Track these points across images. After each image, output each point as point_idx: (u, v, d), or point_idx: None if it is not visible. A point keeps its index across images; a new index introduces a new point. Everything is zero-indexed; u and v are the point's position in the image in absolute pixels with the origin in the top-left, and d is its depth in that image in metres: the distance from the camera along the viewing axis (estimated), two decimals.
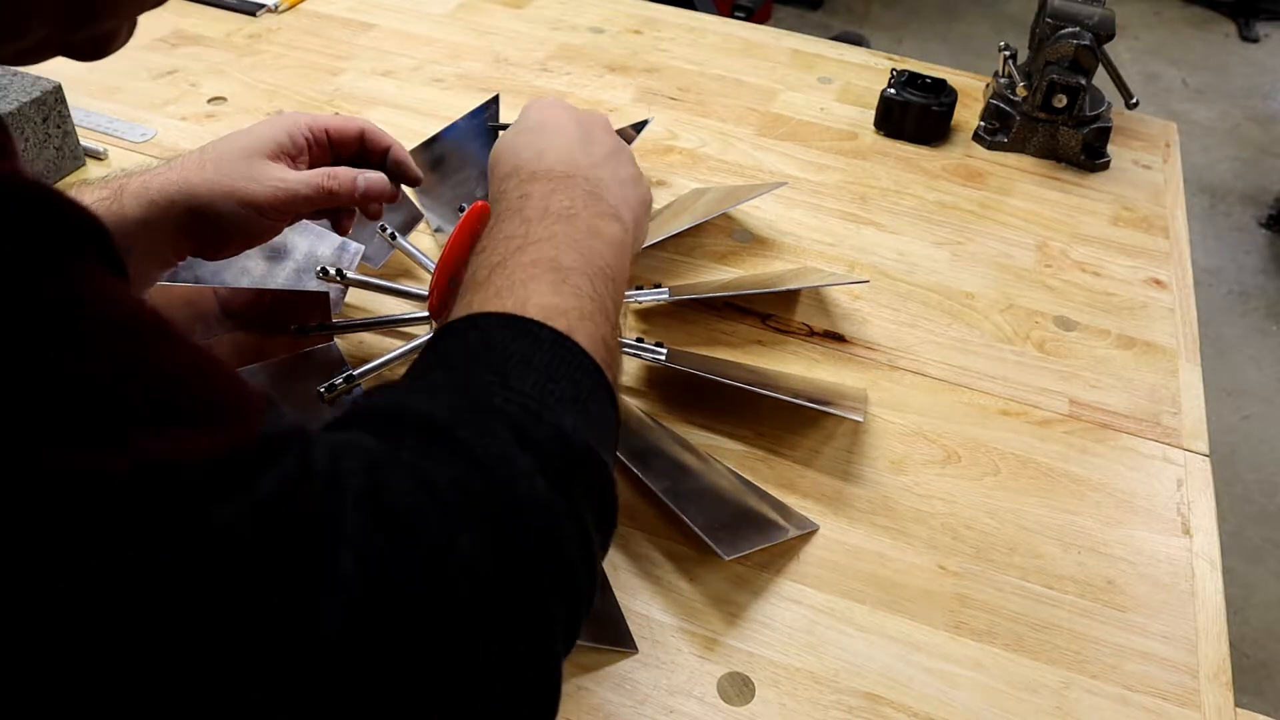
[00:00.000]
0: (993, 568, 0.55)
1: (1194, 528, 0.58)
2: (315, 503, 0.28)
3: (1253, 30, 3.11)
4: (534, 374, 0.37)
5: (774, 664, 0.49)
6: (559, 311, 0.40)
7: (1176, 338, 0.71)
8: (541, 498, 0.33)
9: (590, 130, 0.54)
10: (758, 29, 1.08)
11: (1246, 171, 2.51)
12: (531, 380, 0.36)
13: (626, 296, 0.66)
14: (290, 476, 0.28)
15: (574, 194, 0.48)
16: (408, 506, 0.30)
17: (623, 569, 0.53)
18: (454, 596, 0.29)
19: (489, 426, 0.33)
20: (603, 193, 0.49)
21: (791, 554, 0.55)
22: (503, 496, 0.32)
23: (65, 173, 0.79)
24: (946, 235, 0.79)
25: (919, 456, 0.61)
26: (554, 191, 0.48)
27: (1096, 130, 0.87)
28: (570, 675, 0.48)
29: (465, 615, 0.29)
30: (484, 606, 0.30)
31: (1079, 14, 0.85)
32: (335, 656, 0.26)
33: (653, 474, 0.53)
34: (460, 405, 0.34)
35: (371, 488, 0.29)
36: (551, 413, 0.35)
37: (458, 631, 0.29)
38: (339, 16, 1.03)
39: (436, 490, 0.30)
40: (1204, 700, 0.50)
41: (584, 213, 0.47)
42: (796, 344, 0.68)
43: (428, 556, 0.29)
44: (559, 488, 0.33)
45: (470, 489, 0.31)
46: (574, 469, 0.35)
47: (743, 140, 0.89)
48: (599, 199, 0.49)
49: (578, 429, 0.35)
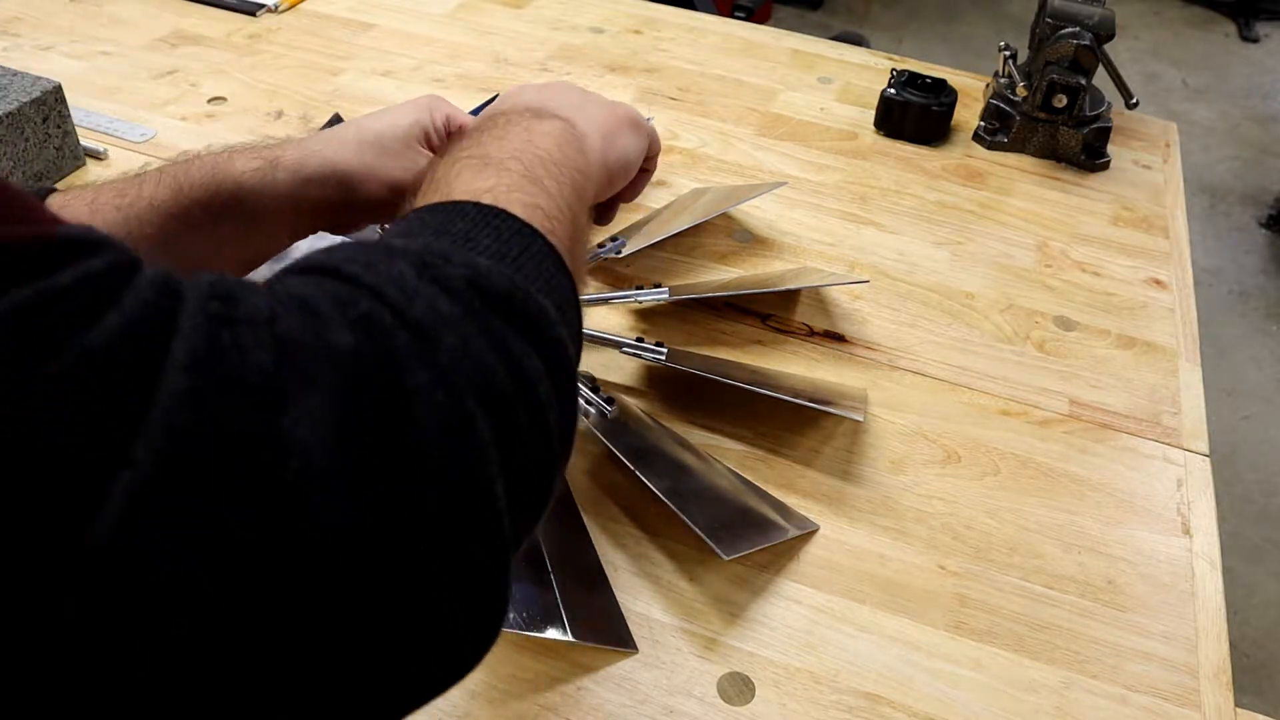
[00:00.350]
0: (993, 568, 0.55)
1: (1194, 528, 0.58)
2: (143, 293, 0.23)
3: (1253, 30, 3.11)
4: (451, 238, 0.33)
5: (774, 664, 0.49)
6: (483, 190, 0.37)
7: (1176, 338, 0.71)
8: (444, 315, 0.28)
9: (549, 85, 0.54)
10: (758, 29, 1.08)
11: (1246, 171, 2.51)
12: (448, 241, 0.33)
13: (626, 297, 0.66)
14: (113, 267, 0.23)
15: (518, 114, 0.46)
16: (264, 306, 0.25)
17: (623, 569, 0.53)
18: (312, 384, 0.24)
19: (386, 260, 0.29)
20: (548, 107, 0.47)
21: (791, 554, 0.55)
22: (392, 313, 0.27)
23: (65, 173, 0.79)
24: (946, 235, 0.79)
25: (919, 456, 0.61)
26: (499, 119, 0.46)
27: (1096, 130, 0.87)
28: (570, 675, 0.48)
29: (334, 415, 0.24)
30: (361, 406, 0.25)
31: (1079, 14, 0.85)
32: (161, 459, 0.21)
33: (653, 474, 0.53)
34: (355, 251, 0.30)
35: (223, 293, 0.25)
36: (464, 255, 0.31)
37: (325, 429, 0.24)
38: (339, 16, 1.03)
39: (306, 301, 0.26)
40: (1204, 700, 0.50)
41: (520, 123, 0.44)
42: (796, 344, 0.68)
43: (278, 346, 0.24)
44: (476, 317, 0.29)
45: (350, 302, 0.27)
46: (495, 301, 0.30)
47: (743, 140, 0.89)
48: (542, 111, 0.46)
49: (501, 271, 0.31)
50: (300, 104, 0.89)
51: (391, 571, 0.25)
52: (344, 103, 0.89)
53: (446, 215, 0.35)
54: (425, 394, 0.26)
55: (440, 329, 0.27)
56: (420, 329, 0.27)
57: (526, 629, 0.47)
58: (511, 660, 0.49)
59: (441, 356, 0.27)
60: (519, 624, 0.47)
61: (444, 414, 0.26)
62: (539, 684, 0.48)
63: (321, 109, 0.88)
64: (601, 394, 0.58)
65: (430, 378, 0.26)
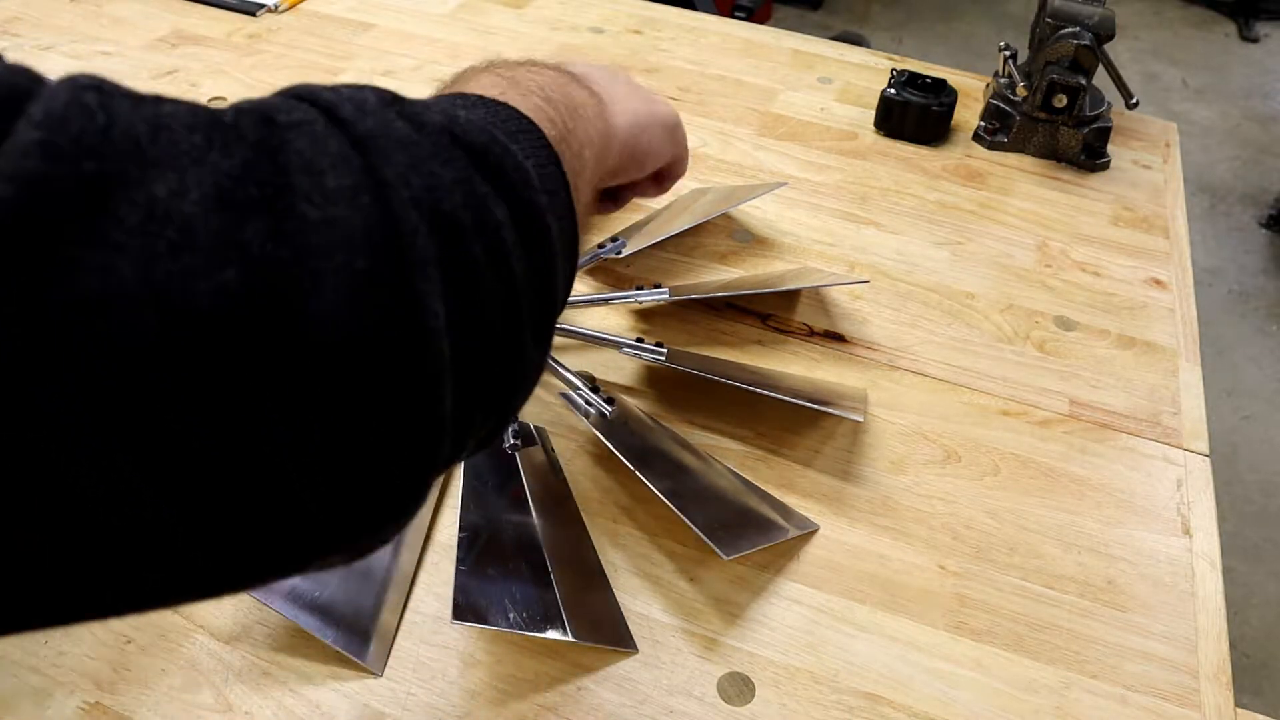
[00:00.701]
0: (993, 568, 0.55)
1: (1194, 528, 0.58)
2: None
3: (1253, 30, 3.11)
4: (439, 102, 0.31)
5: (774, 664, 0.49)
6: (496, 91, 0.35)
7: (1176, 338, 0.71)
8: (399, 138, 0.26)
9: (631, 83, 0.53)
10: (758, 29, 1.08)
11: (1246, 171, 2.51)
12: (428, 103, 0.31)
13: (626, 297, 0.66)
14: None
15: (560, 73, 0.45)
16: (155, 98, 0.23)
17: (623, 569, 0.53)
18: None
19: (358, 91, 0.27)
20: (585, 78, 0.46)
21: (791, 554, 0.55)
22: (334, 123, 0.25)
23: None
24: (946, 235, 0.79)
25: (919, 456, 0.61)
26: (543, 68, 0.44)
27: (1096, 130, 0.87)
28: (570, 675, 0.48)
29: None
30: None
31: (1079, 14, 0.85)
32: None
33: (653, 474, 0.53)
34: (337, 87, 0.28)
35: (101, 81, 0.23)
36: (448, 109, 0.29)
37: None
38: (339, 16, 1.03)
39: (243, 105, 0.25)
40: (1204, 700, 0.50)
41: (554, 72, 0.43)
42: (796, 344, 0.68)
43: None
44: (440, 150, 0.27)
45: (287, 110, 0.25)
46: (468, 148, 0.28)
47: (743, 140, 0.89)
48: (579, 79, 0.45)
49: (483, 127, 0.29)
50: None
51: (277, 359, 0.22)
52: None
53: (449, 100, 0.32)
54: (333, 179, 0.24)
55: (389, 146, 0.25)
56: (363, 142, 0.25)
57: (526, 629, 0.47)
58: (511, 660, 0.49)
59: (383, 167, 0.25)
60: (519, 624, 0.47)
61: (357, 202, 0.24)
62: (539, 684, 0.48)
63: None
64: (601, 394, 0.58)
65: (356, 181, 0.24)
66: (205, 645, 0.48)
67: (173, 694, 0.46)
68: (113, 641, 0.48)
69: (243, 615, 0.50)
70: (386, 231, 0.24)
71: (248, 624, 0.49)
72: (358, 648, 0.48)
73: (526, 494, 0.54)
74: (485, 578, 0.48)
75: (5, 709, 0.46)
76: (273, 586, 0.47)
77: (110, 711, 0.46)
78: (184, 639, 0.49)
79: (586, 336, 0.64)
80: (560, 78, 0.42)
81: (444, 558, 0.53)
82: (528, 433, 0.58)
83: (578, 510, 0.56)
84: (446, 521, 0.55)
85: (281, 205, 0.23)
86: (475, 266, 0.26)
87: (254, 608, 0.50)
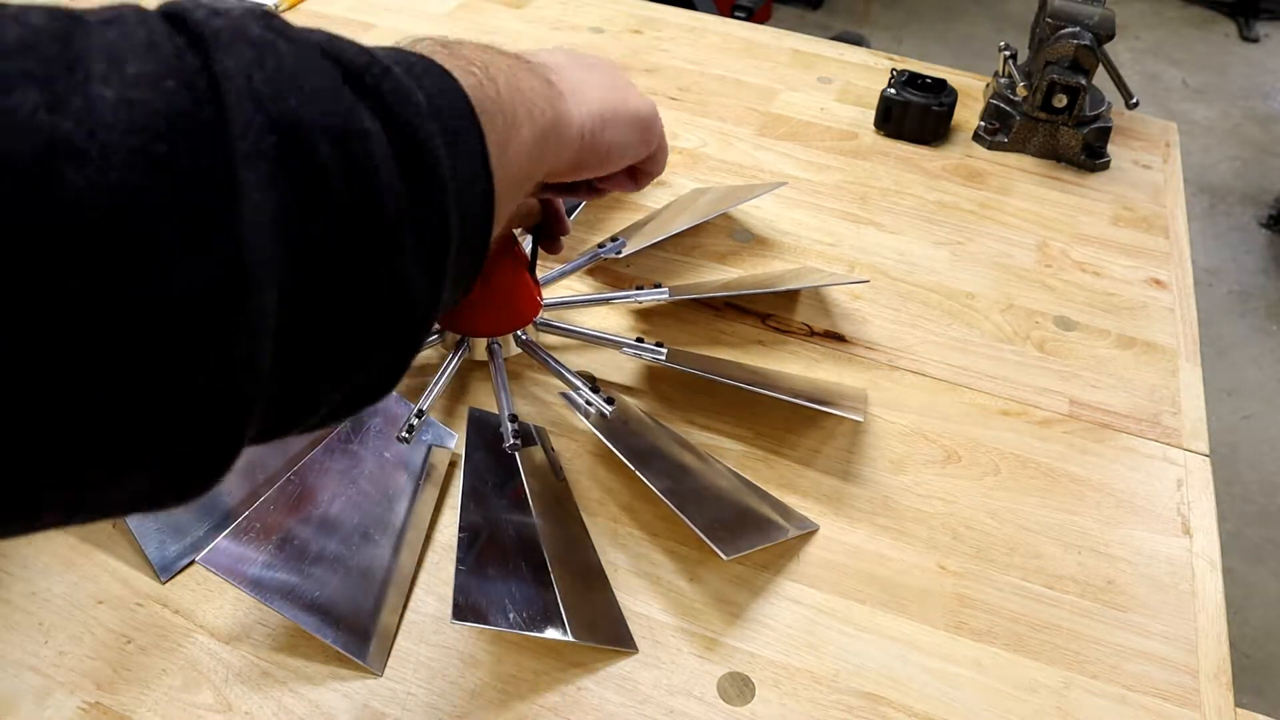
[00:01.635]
0: (993, 568, 0.55)
1: (1194, 528, 0.58)
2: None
3: (1253, 30, 3.11)
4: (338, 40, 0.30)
5: (774, 664, 0.50)
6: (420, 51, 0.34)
7: (1176, 338, 0.71)
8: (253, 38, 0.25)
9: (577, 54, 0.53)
10: (758, 29, 1.08)
11: (1246, 171, 2.51)
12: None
13: (626, 297, 0.66)
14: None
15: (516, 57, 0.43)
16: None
17: (623, 569, 0.53)
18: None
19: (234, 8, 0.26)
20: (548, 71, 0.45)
21: (791, 554, 0.55)
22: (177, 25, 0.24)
23: None
24: (946, 235, 0.79)
25: (919, 456, 0.61)
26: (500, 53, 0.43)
27: (1096, 130, 0.87)
28: (570, 675, 0.48)
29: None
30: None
31: (1079, 14, 0.85)
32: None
33: (653, 474, 0.53)
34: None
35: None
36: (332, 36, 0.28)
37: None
38: (339, 16, 1.03)
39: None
40: (1204, 700, 0.50)
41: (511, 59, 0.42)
42: (796, 344, 0.68)
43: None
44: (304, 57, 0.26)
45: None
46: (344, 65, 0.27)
47: (743, 140, 0.89)
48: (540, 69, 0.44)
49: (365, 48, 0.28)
50: None
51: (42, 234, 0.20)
52: None
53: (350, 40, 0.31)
54: (135, 65, 0.22)
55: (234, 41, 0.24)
56: (202, 37, 0.24)
57: (526, 629, 0.47)
58: (511, 660, 0.49)
59: (222, 60, 0.23)
60: (519, 624, 0.47)
61: (161, 87, 0.22)
62: (539, 684, 0.48)
63: None
64: (601, 394, 0.58)
65: (164, 68, 0.22)
66: (205, 645, 0.48)
67: (173, 694, 0.46)
68: (113, 641, 0.48)
69: (243, 615, 0.50)
70: (202, 119, 0.23)
71: (248, 624, 0.49)
72: (358, 648, 0.48)
73: (526, 494, 0.54)
74: (485, 578, 0.48)
75: (5, 709, 0.46)
76: (273, 586, 0.47)
77: (110, 711, 0.46)
78: (184, 639, 0.49)
79: (586, 336, 0.64)
80: (512, 63, 0.41)
81: (444, 558, 0.53)
82: (528, 433, 0.58)
83: (578, 510, 0.56)
84: (446, 521, 0.55)
85: (65, 84, 0.21)
86: (323, 171, 0.25)
87: (254, 608, 0.50)
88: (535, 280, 0.62)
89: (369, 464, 0.55)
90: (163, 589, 0.51)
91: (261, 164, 0.23)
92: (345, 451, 0.55)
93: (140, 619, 0.49)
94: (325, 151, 0.25)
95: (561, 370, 0.60)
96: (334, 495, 0.53)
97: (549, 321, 0.64)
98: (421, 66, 0.32)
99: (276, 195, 0.24)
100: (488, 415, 0.58)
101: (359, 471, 0.54)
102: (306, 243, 0.25)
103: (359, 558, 0.51)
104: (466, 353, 0.61)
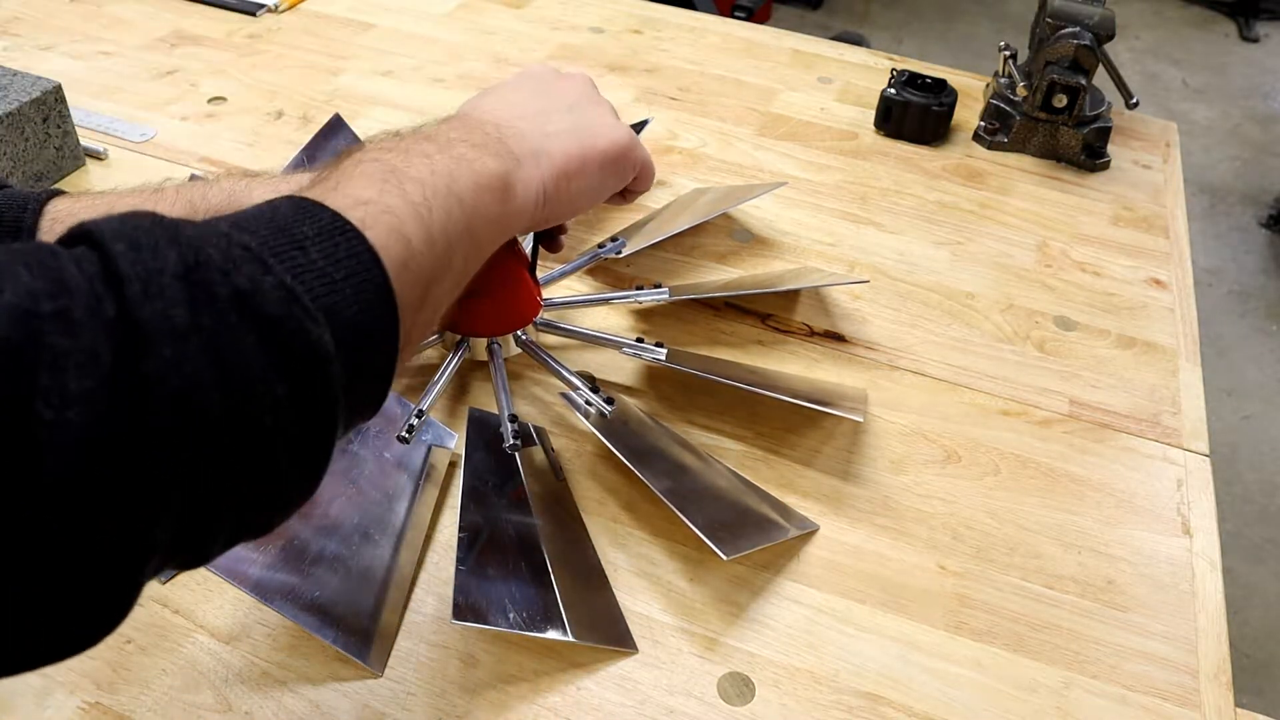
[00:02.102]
0: (993, 568, 0.55)
1: (1194, 528, 0.58)
2: None
3: (1253, 30, 3.11)
4: (287, 238, 0.31)
5: (774, 664, 0.49)
6: (361, 202, 0.35)
7: (1176, 338, 0.71)
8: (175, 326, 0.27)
9: (548, 88, 0.53)
10: (758, 29, 1.08)
11: (1246, 171, 2.51)
12: (282, 240, 0.31)
13: (626, 297, 0.66)
14: None
15: (471, 132, 0.45)
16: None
17: (623, 569, 0.53)
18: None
19: (161, 248, 0.28)
20: (506, 137, 0.46)
21: (791, 554, 0.55)
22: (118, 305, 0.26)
23: (65, 173, 0.79)
24: (946, 235, 0.79)
25: (919, 456, 0.61)
26: (454, 128, 0.45)
27: (1096, 130, 0.87)
28: (570, 675, 0.48)
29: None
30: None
31: (1079, 14, 0.85)
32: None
33: (653, 474, 0.53)
34: (136, 228, 0.28)
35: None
36: (264, 265, 0.29)
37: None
38: (339, 16, 1.03)
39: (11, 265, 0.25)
40: (1204, 700, 0.50)
41: (464, 144, 0.43)
42: (796, 344, 0.68)
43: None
44: (221, 332, 0.27)
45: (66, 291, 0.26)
46: (259, 322, 0.28)
47: (743, 140, 0.89)
48: (498, 141, 0.45)
49: (285, 296, 0.29)
50: (300, 104, 0.89)
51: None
52: (344, 103, 0.89)
53: (302, 215, 0.33)
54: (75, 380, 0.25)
55: (159, 337, 0.26)
56: (134, 328, 0.26)
57: (526, 629, 0.47)
58: (511, 660, 0.49)
59: (145, 363, 0.26)
60: (519, 624, 0.47)
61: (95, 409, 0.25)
62: (539, 684, 0.48)
63: (321, 109, 0.88)
64: (601, 394, 0.58)
65: (101, 382, 0.25)
66: (205, 645, 0.48)
67: (172, 694, 0.46)
68: (113, 641, 0.48)
69: (243, 615, 0.50)
70: (124, 437, 0.25)
71: (248, 624, 0.49)
72: (358, 648, 0.48)
73: (526, 494, 0.54)
74: (485, 578, 0.48)
75: (5, 709, 0.46)
76: (273, 586, 0.47)
77: (110, 711, 0.46)
78: (184, 639, 0.49)
79: (586, 336, 0.64)
80: (462, 154, 0.42)
81: (444, 558, 0.53)
82: (528, 433, 0.58)
83: (578, 510, 0.56)
84: (446, 521, 0.55)
85: (14, 408, 0.23)
86: (227, 456, 0.28)
87: (254, 608, 0.50)
88: (535, 280, 0.62)
89: (369, 464, 0.55)
90: (163, 589, 0.51)
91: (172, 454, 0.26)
92: (345, 451, 0.55)
93: (140, 619, 0.49)
94: (226, 439, 0.28)
95: (561, 370, 0.60)
96: (334, 495, 0.53)
97: (549, 321, 0.64)
98: (351, 267, 0.33)
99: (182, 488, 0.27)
100: (488, 415, 0.58)
101: (359, 472, 0.54)
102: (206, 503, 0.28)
103: (359, 558, 0.51)
104: (466, 353, 0.61)
